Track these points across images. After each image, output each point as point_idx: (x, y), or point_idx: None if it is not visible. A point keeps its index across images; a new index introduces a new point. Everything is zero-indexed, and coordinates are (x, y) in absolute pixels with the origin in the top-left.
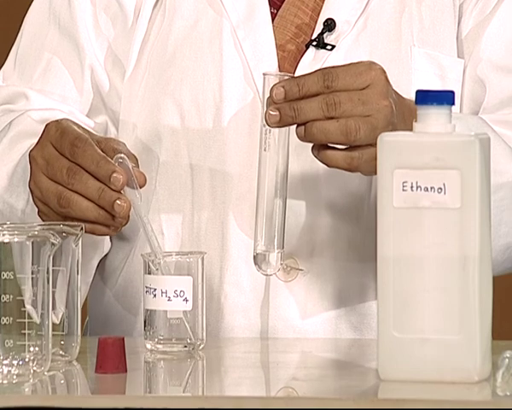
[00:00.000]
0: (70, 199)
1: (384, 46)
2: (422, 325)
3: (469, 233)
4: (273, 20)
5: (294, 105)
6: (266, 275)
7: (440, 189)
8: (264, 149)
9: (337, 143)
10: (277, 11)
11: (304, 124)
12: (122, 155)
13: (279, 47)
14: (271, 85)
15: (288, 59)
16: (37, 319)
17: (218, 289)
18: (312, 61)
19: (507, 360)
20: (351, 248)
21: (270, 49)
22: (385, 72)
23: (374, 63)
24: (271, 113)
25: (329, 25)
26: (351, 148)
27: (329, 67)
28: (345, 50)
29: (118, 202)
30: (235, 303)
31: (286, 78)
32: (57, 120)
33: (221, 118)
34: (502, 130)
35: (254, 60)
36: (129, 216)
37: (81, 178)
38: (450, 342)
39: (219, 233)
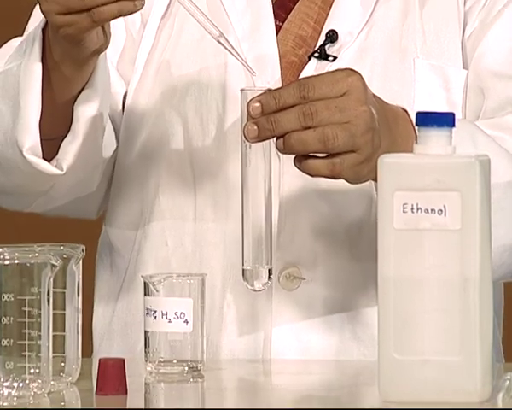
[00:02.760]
0: None
1: (386, 58)
2: (423, 347)
3: (470, 255)
4: (278, 33)
5: (272, 118)
6: (255, 291)
7: (441, 210)
8: (246, 165)
9: (316, 152)
10: (282, 24)
11: (283, 136)
12: None
13: (282, 59)
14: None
15: (291, 70)
16: None
17: (220, 299)
18: (314, 72)
19: (507, 381)
20: (353, 258)
21: (273, 61)
22: (362, 78)
23: (351, 70)
24: (249, 127)
25: (332, 36)
26: (331, 155)
27: (305, 78)
28: (346, 62)
29: None
30: (238, 312)
31: (263, 92)
32: None
33: (224, 129)
34: (496, 133)
35: (257, 71)
36: None
37: None
38: (450, 364)
39: (222, 242)
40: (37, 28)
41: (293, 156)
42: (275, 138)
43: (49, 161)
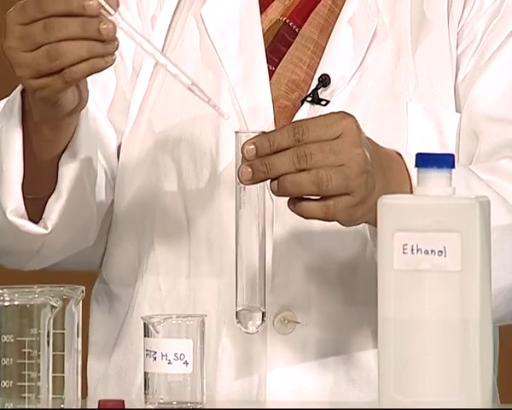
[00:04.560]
0: (58, 48)
1: (379, 101)
2: (423, 388)
3: (470, 296)
4: (271, 77)
5: (266, 160)
6: (248, 333)
7: (441, 251)
8: (240, 207)
9: (310, 194)
10: (275, 68)
11: (277, 178)
12: None
13: (275, 103)
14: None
15: (284, 114)
16: None
17: (215, 343)
18: (307, 116)
19: None
20: (347, 300)
21: (266, 106)
22: (356, 121)
23: (345, 113)
24: (243, 170)
25: (324, 80)
26: (325, 197)
27: (300, 121)
28: (339, 106)
29: (102, 25)
30: (233, 356)
31: (257, 134)
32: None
33: (217, 174)
34: (490, 177)
35: (251, 116)
36: (118, 40)
37: (59, 24)
38: (451, 405)
39: (216, 288)
40: (16, 91)
41: (287, 199)
42: (269, 181)
43: (38, 219)
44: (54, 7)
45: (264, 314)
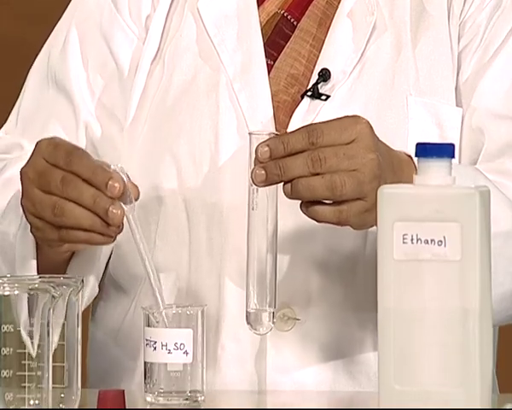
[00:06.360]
0: (64, 207)
1: (379, 95)
2: (423, 378)
3: (470, 286)
4: (270, 72)
5: (280, 163)
6: (259, 334)
7: (440, 241)
8: (253, 209)
9: (324, 199)
10: (274, 63)
11: (290, 181)
12: (119, 166)
13: (274, 98)
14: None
15: (284, 109)
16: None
17: (214, 341)
18: (307, 111)
19: None
20: (347, 298)
21: (265, 101)
22: (370, 125)
23: (359, 117)
24: (257, 172)
25: (324, 75)
26: (338, 202)
27: (314, 124)
28: (340, 100)
29: (112, 209)
30: (232, 354)
31: (271, 136)
32: (49, 138)
33: (217, 170)
34: (497, 179)
35: (250, 111)
36: (123, 224)
37: (76, 185)
38: (451, 395)
39: (216, 285)
40: None
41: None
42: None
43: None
44: (79, 167)
45: (273, 314)
